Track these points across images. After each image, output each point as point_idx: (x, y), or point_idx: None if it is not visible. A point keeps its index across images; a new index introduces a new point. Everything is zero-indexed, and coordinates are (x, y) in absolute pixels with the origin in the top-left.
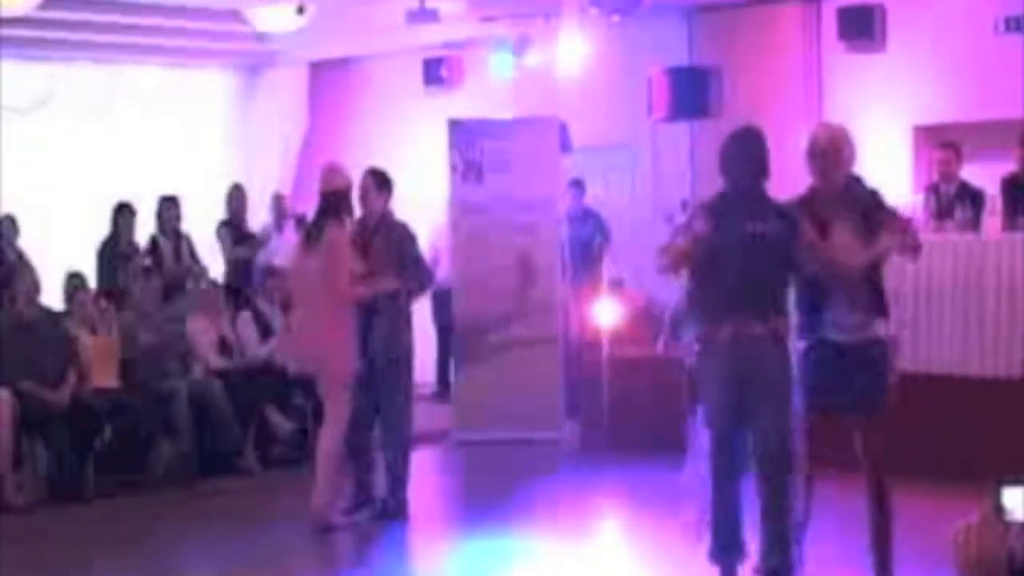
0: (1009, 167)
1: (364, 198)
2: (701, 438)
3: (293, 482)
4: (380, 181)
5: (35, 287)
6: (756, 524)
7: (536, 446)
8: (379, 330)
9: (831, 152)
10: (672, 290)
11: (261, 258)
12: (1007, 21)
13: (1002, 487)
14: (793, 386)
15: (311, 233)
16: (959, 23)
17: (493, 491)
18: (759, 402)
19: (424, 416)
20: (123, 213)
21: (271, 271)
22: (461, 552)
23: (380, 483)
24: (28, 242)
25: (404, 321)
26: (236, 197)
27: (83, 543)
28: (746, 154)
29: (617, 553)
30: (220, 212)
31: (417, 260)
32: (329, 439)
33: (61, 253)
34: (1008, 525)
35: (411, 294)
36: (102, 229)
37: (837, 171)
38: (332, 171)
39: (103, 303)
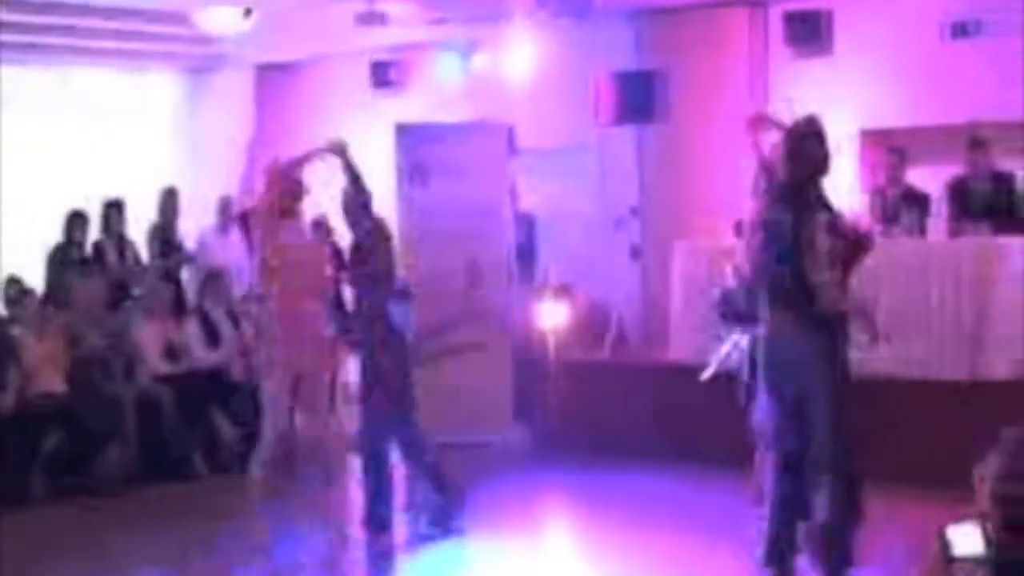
0: (953, 171)
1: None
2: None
3: (241, 486)
4: (364, 203)
5: None
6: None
7: (484, 449)
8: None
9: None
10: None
11: (202, 260)
12: (953, 27)
13: (946, 529)
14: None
15: None
16: (906, 29)
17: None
18: (806, 394)
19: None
20: (76, 220)
21: (214, 274)
22: (408, 558)
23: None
24: None
25: (386, 331)
26: (168, 202)
27: (29, 548)
28: (788, 148)
29: (567, 556)
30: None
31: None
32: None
33: (8, 256)
34: (952, 562)
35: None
36: (50, 233)
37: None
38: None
39: (49, 308)
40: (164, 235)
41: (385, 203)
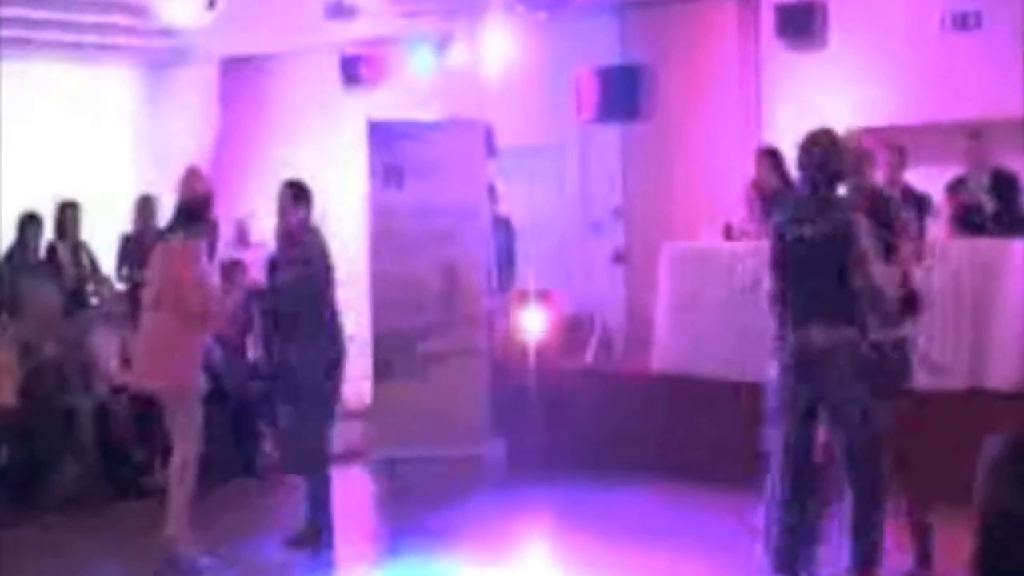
0: (953, 171)
1: (281, 211)
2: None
3: (202, 500)
4: (296, 193)
5: None
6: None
7: (462, 463)
8: (298, 343)
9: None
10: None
11: None
12: (954, 18)
13: None
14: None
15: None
16: (904, 20)
17: (415, 511)
18: (829, 408)
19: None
20: (30, 223)
21: None
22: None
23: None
24: None
25: (326, 336)
26: (145, 209)
27: None
28: (804, 157)
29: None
30: (127, 217)
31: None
32: (184, 463)
33: None
34: None
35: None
36: (5, 233)
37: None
38: (194, 176)
39: (1, 316)
40: (139, 245)
41: (357, 204)
